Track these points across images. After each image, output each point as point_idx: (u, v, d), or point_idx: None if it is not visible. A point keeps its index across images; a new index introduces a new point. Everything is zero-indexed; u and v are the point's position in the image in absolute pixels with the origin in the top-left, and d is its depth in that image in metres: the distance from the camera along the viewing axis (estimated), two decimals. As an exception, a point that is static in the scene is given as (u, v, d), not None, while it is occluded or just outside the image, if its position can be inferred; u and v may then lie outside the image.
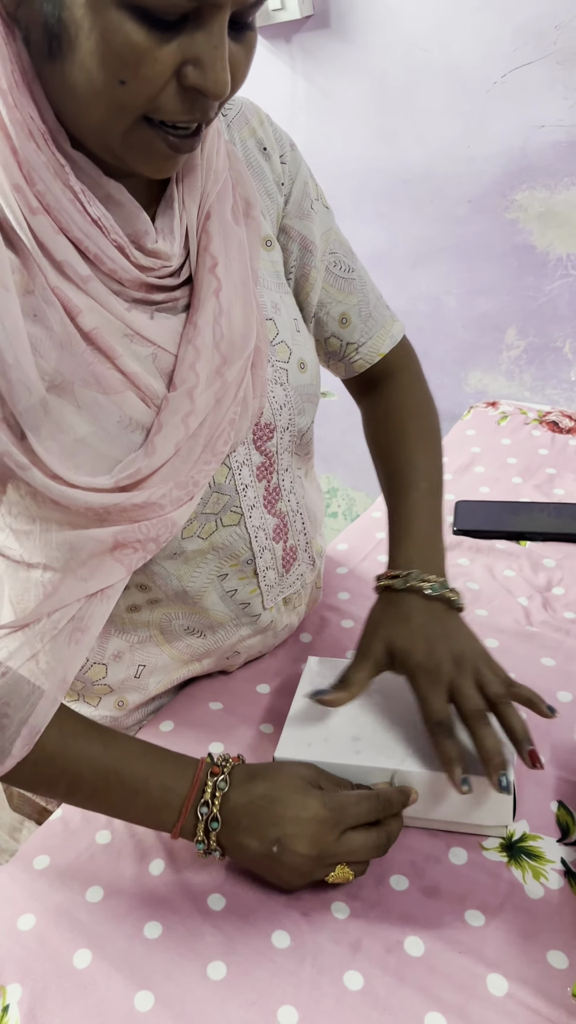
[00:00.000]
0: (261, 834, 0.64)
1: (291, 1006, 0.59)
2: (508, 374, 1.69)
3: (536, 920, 0.64)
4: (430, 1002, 0.59)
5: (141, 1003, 0.60)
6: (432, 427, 0.92)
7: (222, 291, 0.67)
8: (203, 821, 0.65)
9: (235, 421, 0.70)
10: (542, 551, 1.08)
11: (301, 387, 0.79)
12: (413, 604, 0.76)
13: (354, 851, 0.65)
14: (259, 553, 0.81)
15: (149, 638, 0.82)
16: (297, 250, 0.81)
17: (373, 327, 0.90)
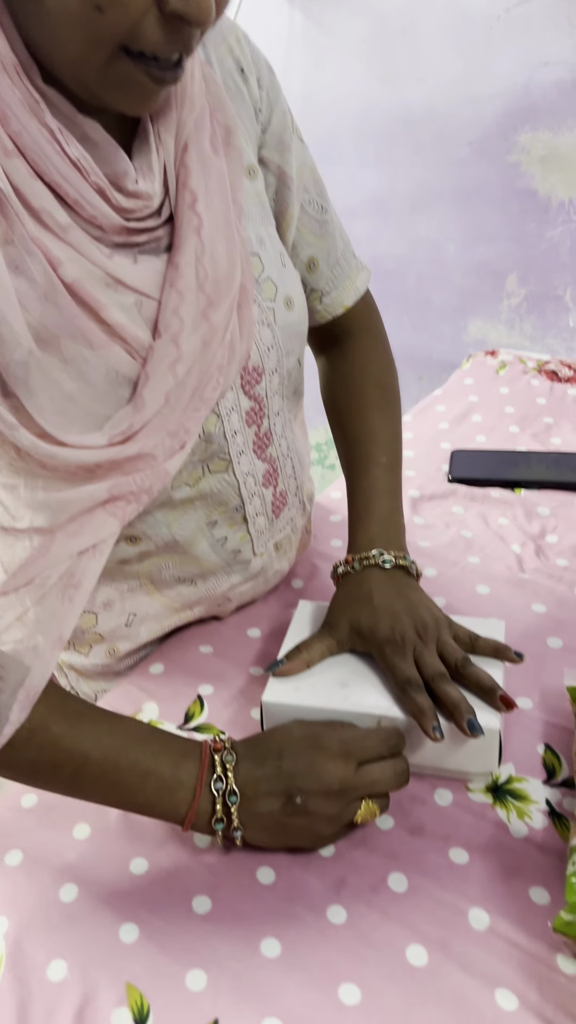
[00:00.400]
0: (281, 791, 0.63)
1: (274, 939, 0.60)
2: (508, 323, 1.67)
3: (519, 858, 0.64)
4: (412, 935, 0.60)
5: (126, 935, 0.61)
6: (393, 395, 0.91)
7: (204, 228, 0.64)
8: (220, 796, 0.62)
9: (223, 366, 0.68)
10: (537, 499, 1.07)
11: (289, 326, 0.77)
12: (374, 581, 0.76)
13: (376, 781, 0.64)
14: (248, 499, 0.80)
15: (139, 587, 0.82)
16: (275, 184, 0.78)
17: (339, 275, 0.87)
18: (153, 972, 0.59)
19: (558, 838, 0.65)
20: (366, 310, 0.92)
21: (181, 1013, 0.56)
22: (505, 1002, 0.55)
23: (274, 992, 0.57)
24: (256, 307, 0.73)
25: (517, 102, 1.44)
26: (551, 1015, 0.54)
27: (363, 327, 0.91)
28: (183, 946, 0.60)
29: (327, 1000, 0.56)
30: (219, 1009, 0.56)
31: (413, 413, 1.31)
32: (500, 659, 0.72)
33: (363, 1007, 0.56)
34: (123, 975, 0.59)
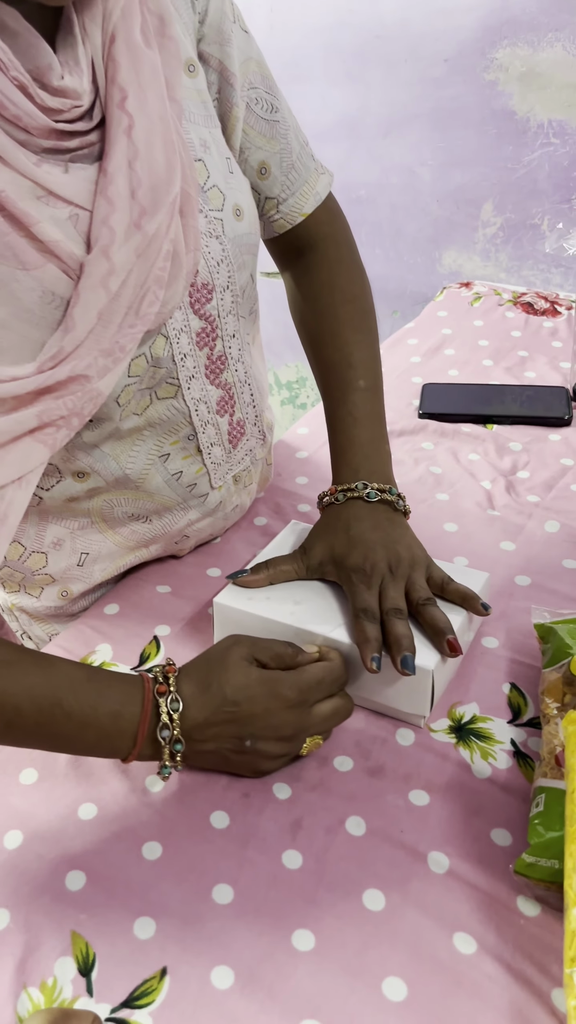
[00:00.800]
0: (232, 735, 0.60)
1: (227, 884, 0.58)
2: (483, 253, 1.61)
3: (482, 799, 0.62)
4: (369, 879, 0.58)
5: (72, 882, 0.59)
6: (366, 309, 0.85)
7: (135, 129, 0.58)
8: (167, 745, 0.59)
9: (162, 278, 0.62)
10: (509, 435, 1.04)
11: (239, 237, 0.72)
12: (354, 512, 0.73)
13: (327, 718, 0.64)
14: (201, 428, 0.76)
15: (90, 525, 0.78)
16: (217, 80, 0.71)
17: (296, 180, 0.81)
18: (99, 920, 0.56)
19: (522, 778, 0.63)
20: (329, 218, 0.86)
21: (128, 962, 0.54)
22: (463, 945, 0.54)
23: (225, 939, 0.55)
24: (203, 218, 0.68)
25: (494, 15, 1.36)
26: (510, 957, 0.53)
27: (327, 236, 0.86)
28: (132, 893, 0.58)
29: (280, 946, 0.54)
30: (168, 957, 0.54)
31: (385, 346, 1.27)
32: (466, 608, 0.69)
33: (316, 952, 0.54)
34: (68, 923, 0.56)
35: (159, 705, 0.59)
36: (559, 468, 0.97)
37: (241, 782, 0.64)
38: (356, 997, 0.51)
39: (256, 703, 0.61)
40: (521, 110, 1.43)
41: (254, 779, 0.65)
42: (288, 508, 0.95)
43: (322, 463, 1.02)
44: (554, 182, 1.47)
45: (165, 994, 0.52)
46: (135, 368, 0.66)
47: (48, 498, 0.73)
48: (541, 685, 0.67)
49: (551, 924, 0.54)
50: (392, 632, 0.65)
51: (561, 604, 0.78)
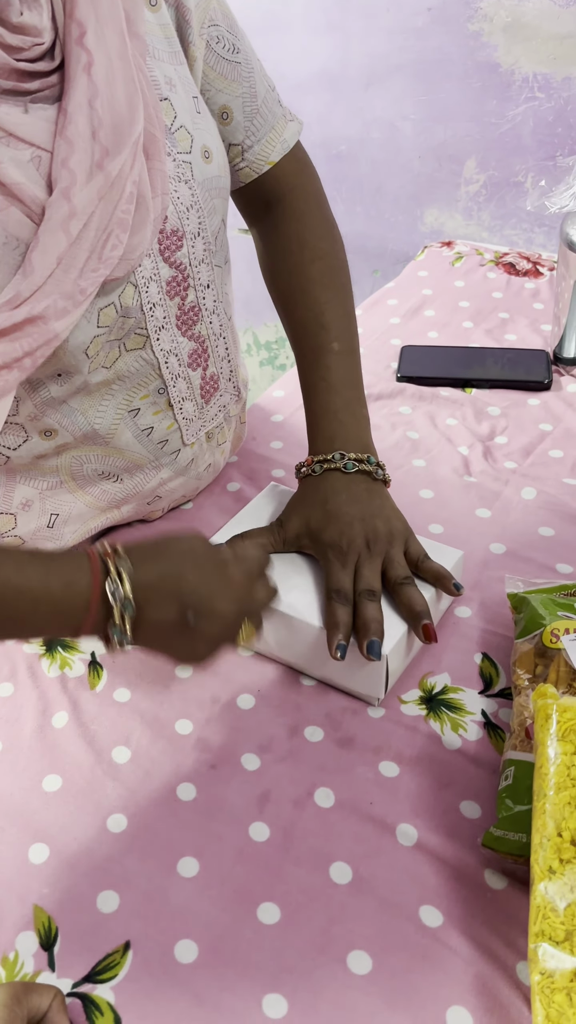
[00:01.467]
0: (176, 603, 0.56)
1: (192, 857, 0.57)
2: (466, 212, 1.58)
3: (451, 771, 0.62)
4: (337, 851, 0.57)
5: (36, 855, 0.58)
6: (337, 265, 0.82)
7: (94, 66, 0.56)
8: (117, 604, 0.55)
9: (125, 221, 0.60)
10: (488, 399, 1.02)
11: (208, 180, 0.69)
12: (332, 485, 0.72)
13: (263, 600, 0.61)
14: (172, 381, 0.73)
15: (60, 484, 0.76)
16: (174, 18, 0.68)
17: (261, 127, 0.77)
18: (62, 893, 0.56)
19: (492, 750, 0.63)
20: (298, 168, 0.83)
21: (90, 935, 0.54)
22: (429, 918, 0.53)
23: (189, 913, 0.54)
24: (171, 161, 0.65)
25: (481, -38, 1.32)
26: (476, 931, 0.53)
27: (296, 188, 0.82)
28: (95, 866, 0.57)
29: (244, 920, 0.54)
30: (131, 931, 0.54)
31: (364, 307, 1.24)
32: (439, 587, 0.69)
33: (281, 926, 0.53)
34: (30, 897, 0.56)
35: (107, 568, 0.55)
36: (537, 433, 0.96)
37: (208, 753, 0.64)
38: (321, 971, 0.51)
39: (203, 576, 0.57)
40: (506, 62, 1.39)
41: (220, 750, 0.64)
42: (262, 473, 0.93)
43: (297, 428, 1.00)
44: (538, 138, 1.44)
45: (128, 969, 0.52)
46: (104, 318, 0.64)
47: (15, 456, 0.71)
48: (513, 656, 0.66)
49: (517, 898, 0.54)
50: (363, 615, 0.64)
51: (536, 573, 0.77)
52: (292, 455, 0.95)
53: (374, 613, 0.64)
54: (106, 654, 0.72)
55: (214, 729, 0.66)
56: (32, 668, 0.71)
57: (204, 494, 0.90)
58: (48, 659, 0.72)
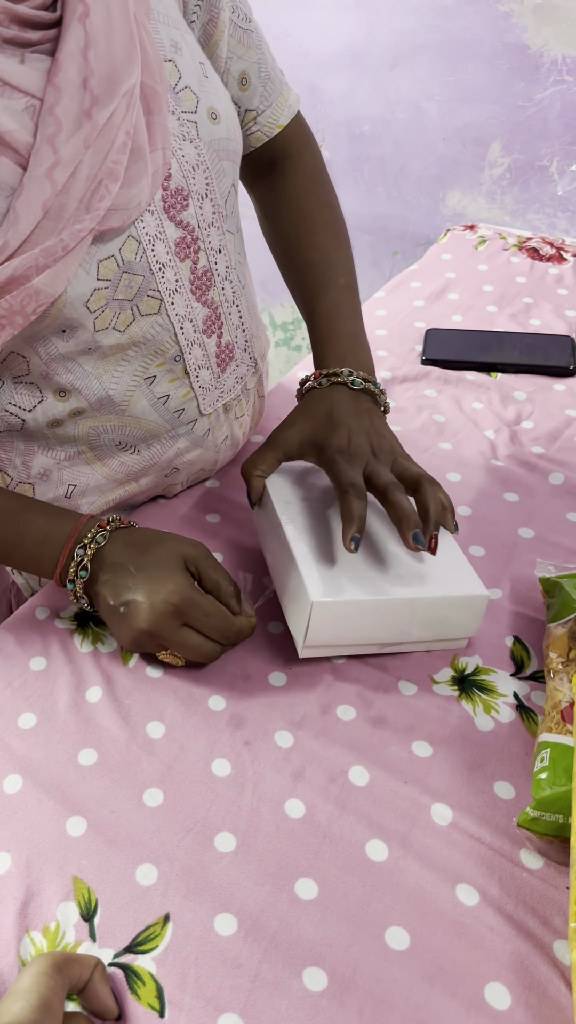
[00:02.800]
0: (115, 593, 0.65)
1: (229, 832, 0.58)
2: (489, 195, 1.57)
3: (484, 752, 0.62)
4: (372, 830, 0.58)
5: (73, 828, 0.58)
6: (340, 216, 0.85)
7: (90, 16, 0.56)
8: (74, 565, 0.66)
9: (116, 171, 0.59)
10: (513, 383, 1.02)
11: (216, 142, 0.69)
12: (337, 397, 0.72)
13: (186, 646, 0.65)
14: (187, 348, 0.73)
15: (78, 454, 0.76)
16: None
17: (272, 92, 0.80)
18: (101, 866, 0.56)
19: (525, 732, 0.63)
20: (301, 131, 0.86)
21: (130, 908, 0.54)
22: (466, 897, 0.54)
23: (227, 887, 0.55)
24: (175, 120, 0.66)
25: None
26: (512, 909, 0.53)
27: (301, 147, 0.86)
28: (133, 840, 0.57)
29: (282, 894, 0.54)
30: (170, 904, 0.54)
31: (387, 289, 1.24)
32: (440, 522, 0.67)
33: (319, 902, 0.54)
34: (69, 869, 0.56)
35: (86, 532, 0.66)
36: (563, 419, 0.96)
37: (242, 729, 0.64)
38: (359, 947, 0.52)
39: (148, 580, 0.64)
40: (535, 44, 1.37)
41: (255, 727, 0.64)
42: (288, 453, 0.93)
43: (323, 408, 1.00)
44: (564, 122, 1.42)
45: (168, 940, 0.52)
46: (104, 271, 0.63)
47: (31, 420, 0.71)
48: (545, 640, 0.67)
49: (553, 877, 0.54)
50: (398, 507, 0.64)
51: (565, 558, 0.77)
52: (318, 436, 0.95)
53: (407, 504, 0.64)
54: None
55: (247, 706, 0.66)
56: (64, 643, 0.72)
57: (228, 474, 0.90)
58: (80, 635, 0.72)
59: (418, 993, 0.50)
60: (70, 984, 0.48)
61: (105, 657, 0.70)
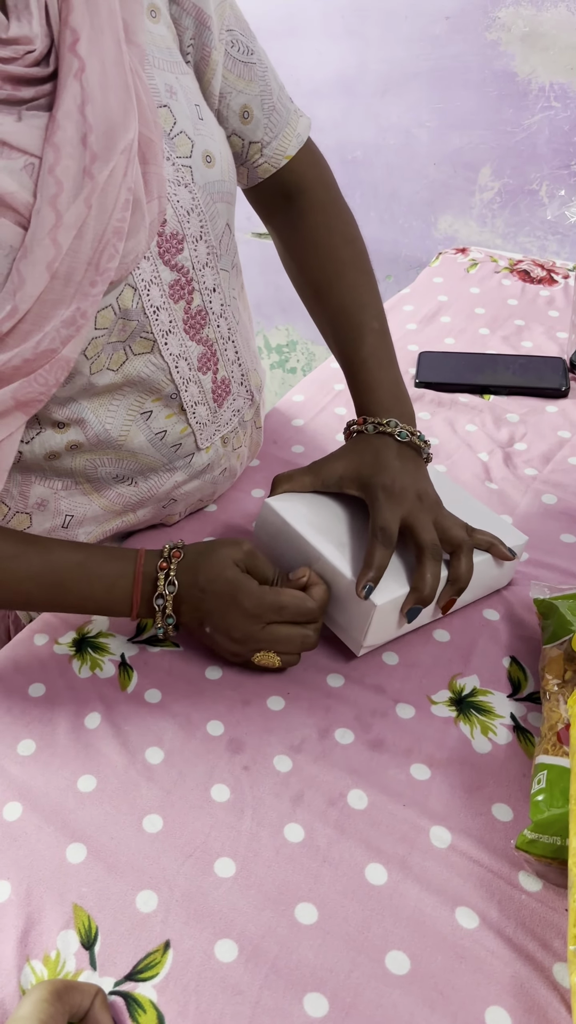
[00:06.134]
0: (197, 620, 0.68)
1: (228, 858, 0.58)
2: (480, 219, 1.59)
3: (482, 774, 0.62)
4: (371, 853, 0.58)
5: (73, 855, 0.58)
6: (363, 250, 0.85)
7: (86, 72, 0.56)
8: (160, 613, 0.68)
9: (122, 230, 0.60)
10: (506, 405, 1.03)
11: (210, 185, 0.70)
12: (385, 443, 0.73)
13: (278, 640, 0.67)
14: (183, 385, 0.74)
15: (75, 485, 0.76)
16: (193, 26, 0.69)
17: (277, 123, 0.79)
18: (101, 893, 0.56)
19: (522, 754, 0.64)
20: (313, 161, 0.85)
21: (131, 935, 0.54)
22: (465, 920, 0.54)
23: (228, 912, 0.55)
24: (169, 166, 0.66)
25: (499, -28, 1.33)
26: (512, 932, 0.53)
27: (314, 180, 0.84)
28: (133, 866, 0.58)
29: (282, 919, 0.54)
30: (170, 930, 0.54)
31: (379, 313, 1.25)
32: (493, 553, 0.72)
33: (319, 926, 0.54)
34: (70, 896, 0.56)
35: (157, 578, 0.68)
36: (556, 440, 0.97)
37: (241, 754, 0.64)
38: (360, 971, 0.52)
39: (218, 599, 0.66)
40: (523, 72, 1.39)
41: (254, 752, 0.64)
42: (284, 477, 0.93)
43: (318, 432, 1.01)
44: (553, 147, 1.45)
45: (169, 967, 0.52)
46: (102, 320, 0.64)
47: (28, 452, 0.71)
48: (542, 661, 0.67)
49: (552, 899, 0.55)
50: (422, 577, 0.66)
51: (559, 579, 0.78)
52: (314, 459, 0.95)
53: (432, 582, 0.66)
54: (136, 655, 0.73)
55: (245, 730, 0.66)
56: (63, 669, 0.72)
57: (228, 499, 0.91)
58: (79, 660, 0.73)
59: (419, 1018, 0.50)
60: (70, 1012, 0.48)
61: (104, 683, 0.70)
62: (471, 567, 0.69)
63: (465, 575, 0.69)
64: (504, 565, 0.74)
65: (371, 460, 0.72)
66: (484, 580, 0.74)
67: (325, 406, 1.05)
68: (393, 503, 0.68)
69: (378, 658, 0.71)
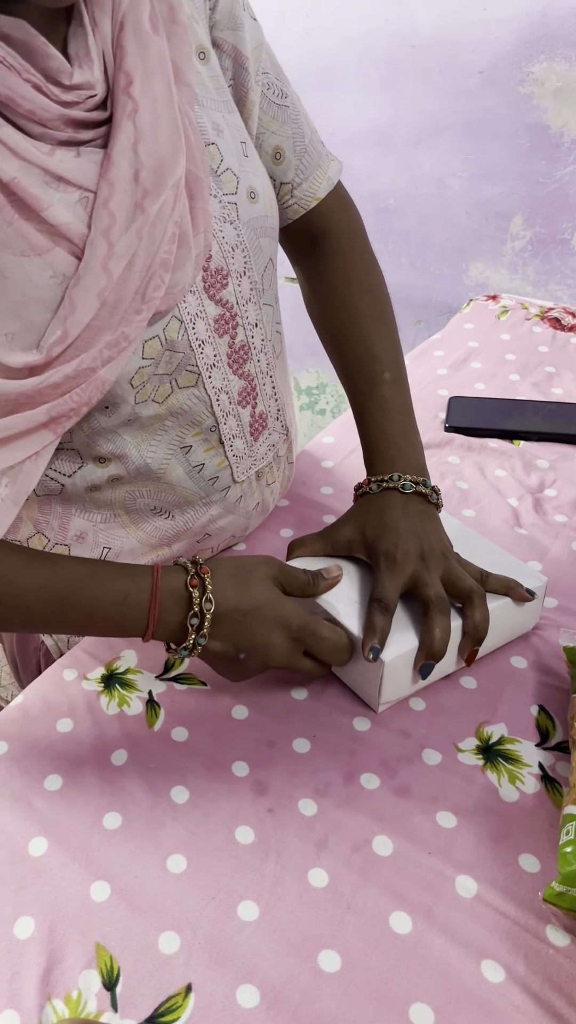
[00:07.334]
0: (231, 641, 0.66)
1: (252, 902, 0.58)
2: (511, 266, 1.60)
3: (509, 823, 0.62)
4: (396, 901, 0.57)
5: (97, 893, 0.58)
6: (383, 298, 0.86)
7: (139, 112, 0.59)
8: (194, 633, 0.65)
9: (168, 262, 0.62)
10: (536, 451, 1.03)
11: (254, 220, 0.72)
12: (389, 501, 0.74)
13: (306, 670, 0.69)
14: (223, 419, 0.76)
15: (114, 518, 0.77)
16: (231, 67, 0.72)
17: (309, 165, 0.82)
18: (124, 933, 0.56)
19: (550, 804, 0.63)
20: (341, 205, 0.87)
21: (153, 977, 0.54)
22: (491, 973, 0.53)
23: (250, 957, 0.55)
24: (216, 202, 0.68)
25: (532, 29, 1.36)
26: (538, 988, 0.52)
27: (340, 224, 0.87)
28: (156, 906, 0.57)
29: (305, 966, 0.54)
30: (192, 973, 0.54)
31: (411, 357, 1.26)
32: (512, 596, 0.72)
33: (342, 975, 0.53)
34: (92, 935, 0.56)
35: (189, 598, 0.65)
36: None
37: (266, 796, 0.64)
38: (383, 1022, 0.51)
39: (260, 623, 0.66)
40: (555, 124, 1.42)
41: (278, 795, 0.64)
42: (313, 519, 0.94)
43: (348, 473, 1.02)
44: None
45: (190, 1011, 0.52)
46: (149, 350, 0.66)
47: (70, 485, 0.73)
48: (571, 710, 0.67)
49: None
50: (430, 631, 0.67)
51: (589, 627, 0.77)
52: (343, 501, 0.97)
53: (442, 636, 0.66)
54: (163, 693, 0.73)
55: (270, 772, 0.66)
56: (91, 704, 0.72)
57: (257, 538, 0.92)
58: (107, 696, 0.73)
59: (443, 1073, 0.49)
60: (91, 1054, 0.48)
61: (131, 719, 0.71)
62: (486, 615, 0.69)
63: (481, 624, 0.68)
64: (526, 608, 0.74)
65: (375, 523, 0.73)
66: (506, 625, 0.73)
67: (354, 448, 1.06)
68: (394, 571, 0.69)
69: (404, 703, 0.71)
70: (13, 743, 0.69)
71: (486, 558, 0.76)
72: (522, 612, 0.74)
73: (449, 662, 0.70)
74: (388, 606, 0.67)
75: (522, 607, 0.73)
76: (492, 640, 0.72)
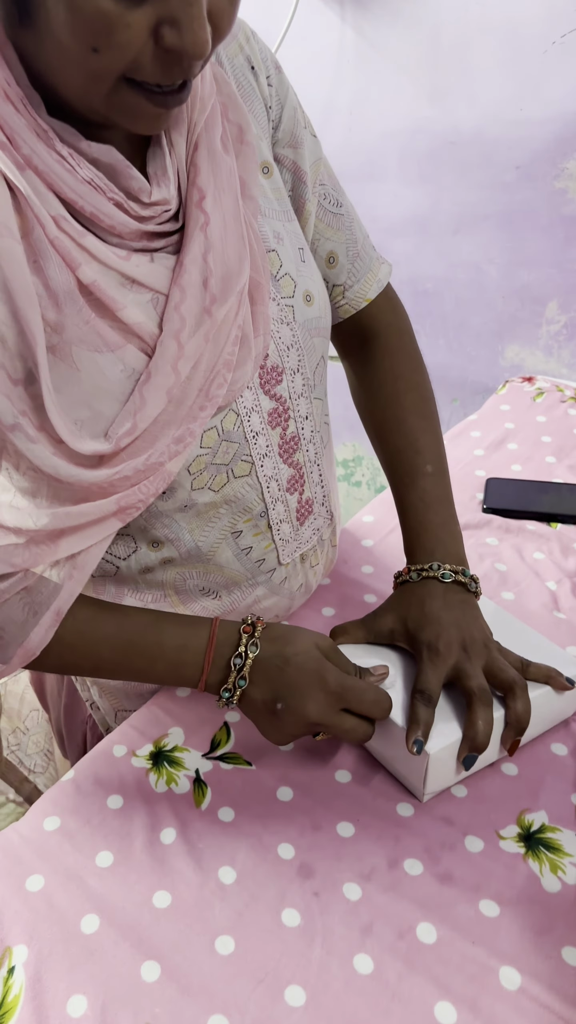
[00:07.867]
0: (271, 692, 0.68)
1: (299, 986, 0.59)
2: (546, 349, 1.65)
3: (552, 915, 0.63)
4: (441, 991, 0.58)
5: (148, 973, 0.60)
6: (428, 396, 0.90)
7: (210, 225, 0.64)
8: (235, 672, 0.69)
9: (231, 362, 0.68)
10: (573, 535, 1.05)
11: (308, 322, 0.77)
12: (429, 591, 0.77)
13: (346, 730, 0.69)
14: (272, 505, 0.79)
15: (164, 598, 0.81)
16: (291, 180, 0.78)
17: (360, 268, 0.87)
18: (174, 1015, 0.57)
19: (592, 896, 0.64)
20: (391, 306, 0.92)
21: (202, 1060, 0.55)
22: (536, 1069, 0.54)
23: (298, 1044, 0.55)
24: (274, 305, 0.73)
25: (567, 128, 1.43)
26: None
27: (389, 324, 0.91)
28: (205, 989, 0.59)
29: (352, 1055, 0.55)
30: (241, 1058, 0.55)
31: (448, 437, 1.29)
32: (552, 685, 0.73)
33: (389, 1065, 0.54)
34: (143, 1016, 0.57)
35: (239, 641, 0.69)
36: (624, 572, 0.98)
37: (311, 880, 0.65)
38: None
39: (300, 673, 0.68)
40: (589, 217, 1.47)
41: (324, 878, 0.65)
42: (355, 598, 0.97)
43: (388, 553, 1.04)
44: (618, 285, 1.51)
45: None
46: (207, 439, 0.70)
47: (124, 567, 0.77)
48: (612, 800, 0.68)
49: (625, 1053, 0.54)
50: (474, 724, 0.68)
51: (629, 715, 0.78)
52: (383, 580, 0.99)
53: (484, 728, 0.68)
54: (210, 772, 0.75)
55: (316, 856, 0.68)
56: (139, 782, 0.75)
57: (299, 617, 0.94)
58: (155, 774, 0.75)
59: None
60: None
61: (179, 798, 0.73)
62: (528, 706, 0.70)
63: (523, 715, 0.70)
64: (566, 696, 0.75)
65: (416, 613, 0.75)
66: (546, 713, 0.75)
67: (394, 527, 1.09)
68: (437, 662, 0.71)
69: (446, 789, 0.72)
70: (65, 818, 0.71)
71: (524, 644, 0.77)
72: (562, 700, 0.75)
73: (492, 752, 0.72)
74: (431, 698, 0.69)
75: (562, 695, 0.74)
76: (533, 728, 0.73)
